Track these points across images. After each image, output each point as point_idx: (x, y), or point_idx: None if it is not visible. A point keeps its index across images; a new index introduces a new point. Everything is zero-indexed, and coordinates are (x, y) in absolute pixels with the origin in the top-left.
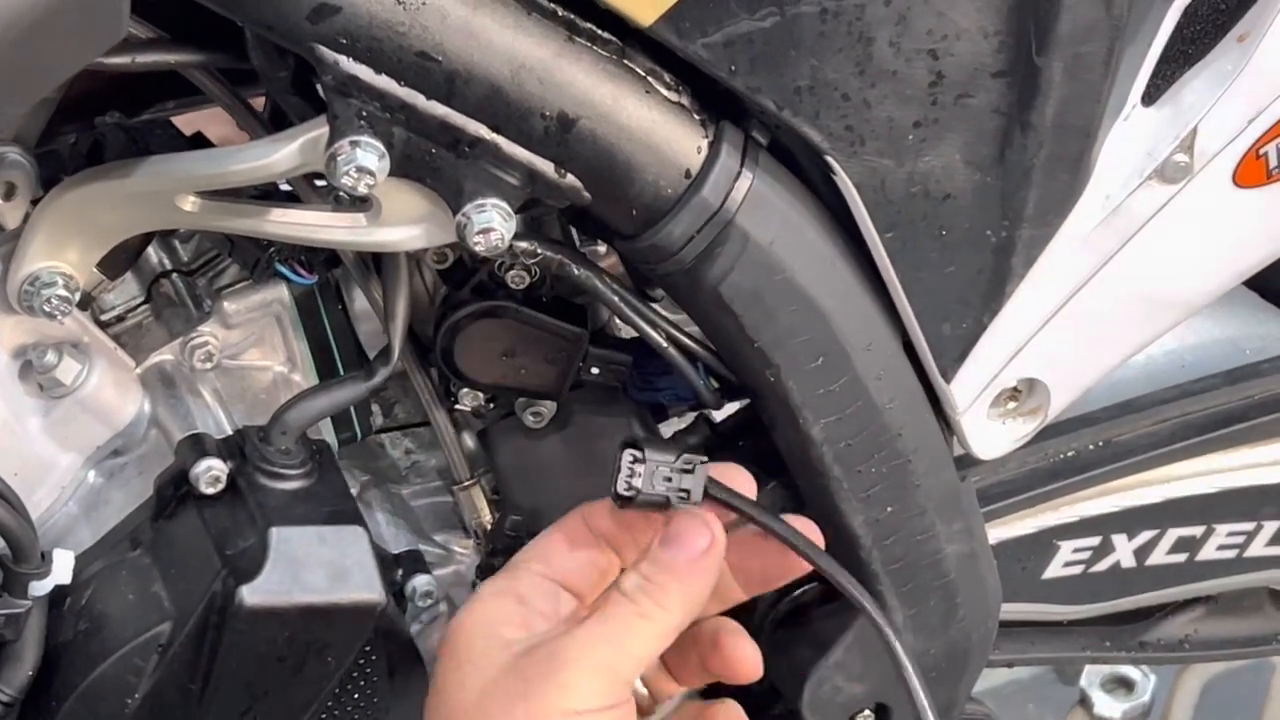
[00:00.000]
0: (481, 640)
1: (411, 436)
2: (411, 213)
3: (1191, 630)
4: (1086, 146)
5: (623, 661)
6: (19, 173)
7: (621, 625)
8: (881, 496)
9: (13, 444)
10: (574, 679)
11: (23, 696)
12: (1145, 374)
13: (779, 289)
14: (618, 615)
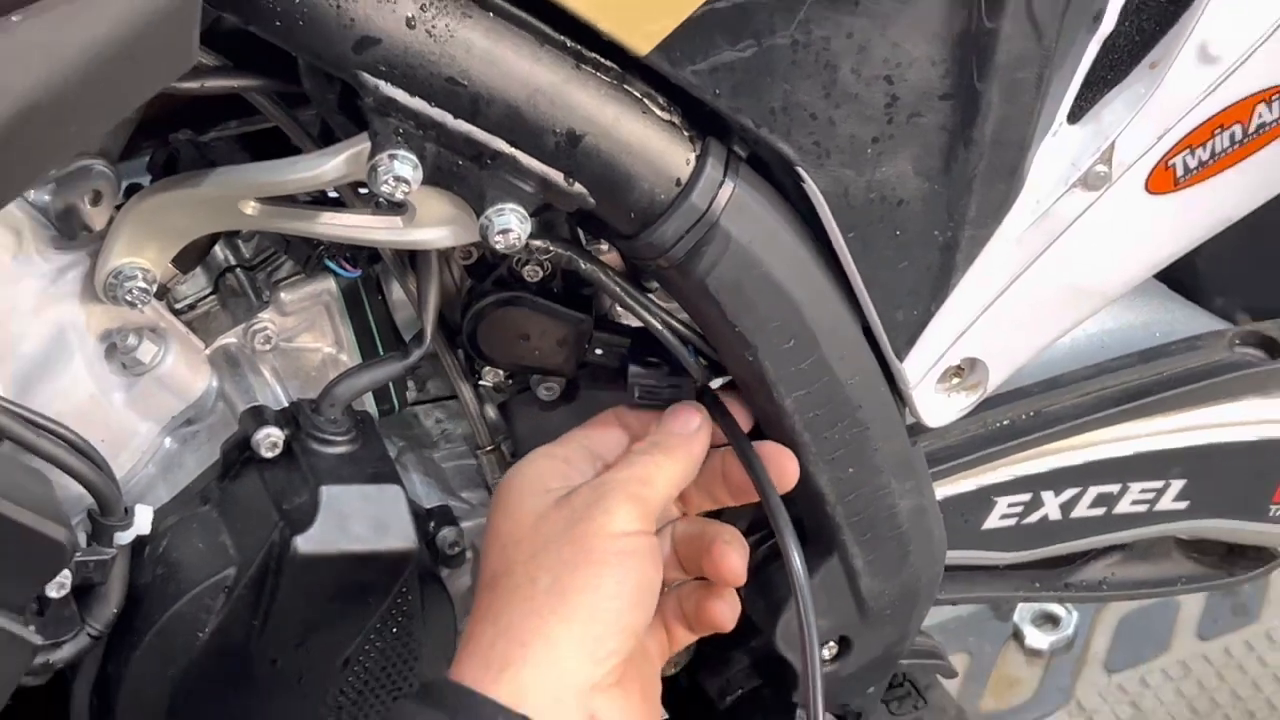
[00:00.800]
0: (531, 486)
1: (441, 408)
2: (441, 216)
3: (1109, 574)
4: (1020, 159)
5: (648, 495)
6: (104, 182)
7: (643, 469)
8: (844, 459)
9: (100, 415)
10: (615, 505)
11: (109, 631)
12: (1070, 353)
13: (757, 281)
14: (639, 462)
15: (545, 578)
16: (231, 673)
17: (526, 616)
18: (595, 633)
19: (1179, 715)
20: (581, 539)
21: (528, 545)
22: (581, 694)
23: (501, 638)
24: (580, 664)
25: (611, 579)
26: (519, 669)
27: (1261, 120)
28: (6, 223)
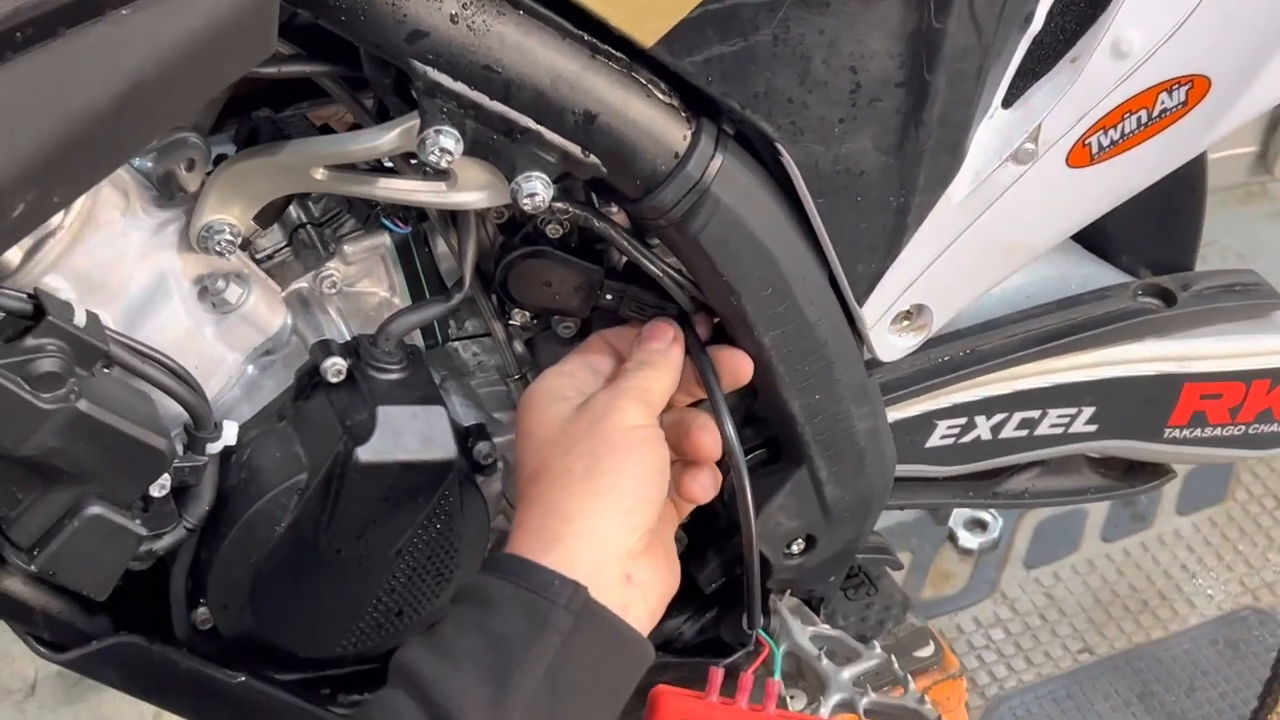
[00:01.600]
0: (551, 397)
1: (477, 343)
2: (478, 182)
3: (1030, 485)
4: (962, 137)
5: (650, 399)
6: (197, 152)
7: (639, 379)
8: (812, 387)
9: (194, 346)
10: (627, 405)
11: (201, 525)
12: (1000, 301)
13: (741, 239)
14: (637, 375)
15: (579, 466)
16: (303, 560)
17: (569, 499)
18: (625, 507)
19: (1085, 604)
20: (604, 434)
21: (560, 444)
22: (619, 559)
23: (550, 517)
24: (617, 534)
25: (634, 463)
26: (568, 542)
27: (1163, 106)
28: (116, 185)
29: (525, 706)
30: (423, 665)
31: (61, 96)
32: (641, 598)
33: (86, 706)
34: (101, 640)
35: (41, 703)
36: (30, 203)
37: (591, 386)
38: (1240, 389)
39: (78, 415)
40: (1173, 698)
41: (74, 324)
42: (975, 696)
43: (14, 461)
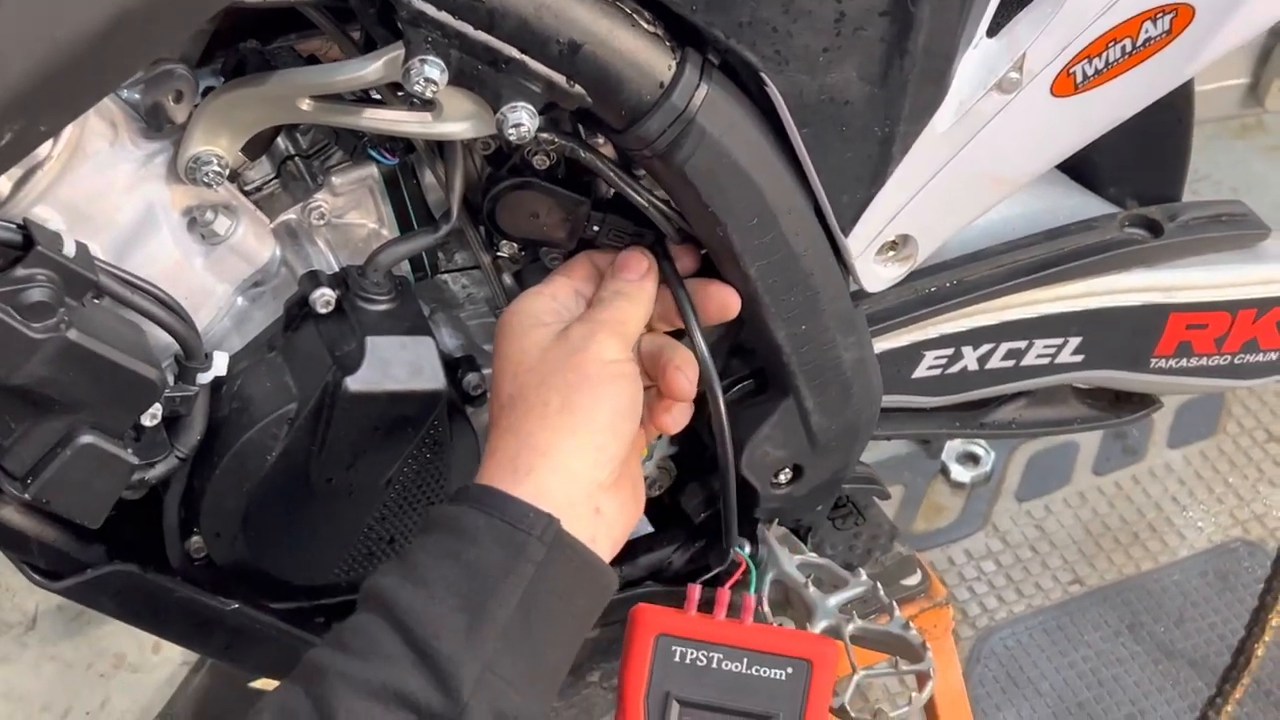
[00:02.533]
0: (530, 320)
1: (467, 275)
2: (464, 112)
3: (1017, 415)
4: (946, 67)
5: (626, 331)
6: (184, 83)
7: (615, 310)
8: (798, 318)
9: (183, 277)
10: (604, 339)
11: (193, 454)
12: (987, 232)
13: (727, 169)
14: (611, 304)
15: (555, 399)
16: (295, 489)
17: (543, 431)
18: (598, 442)
19: (1076, 536)
20: (580, 366)
21: (536, 373)
22: (589, 492)
23: (524, 449)
24: (588, 467)
25: (608, 399)
26: (540, 474)
27: (1147, 35)
28: (103, 116)
29: (500, 634)
30: (399, 594)
31: (47, 24)
32: (607, 529)
33: (86, 639)
34: (96, 569)
35: (43, 635)
36: (17, 132)
37: (573, 309)
38: (1226, 319)
39: (68, 344)
40: (1162, 628)
41: (63, 254)
42: (966, 627)
43: (6, 391)
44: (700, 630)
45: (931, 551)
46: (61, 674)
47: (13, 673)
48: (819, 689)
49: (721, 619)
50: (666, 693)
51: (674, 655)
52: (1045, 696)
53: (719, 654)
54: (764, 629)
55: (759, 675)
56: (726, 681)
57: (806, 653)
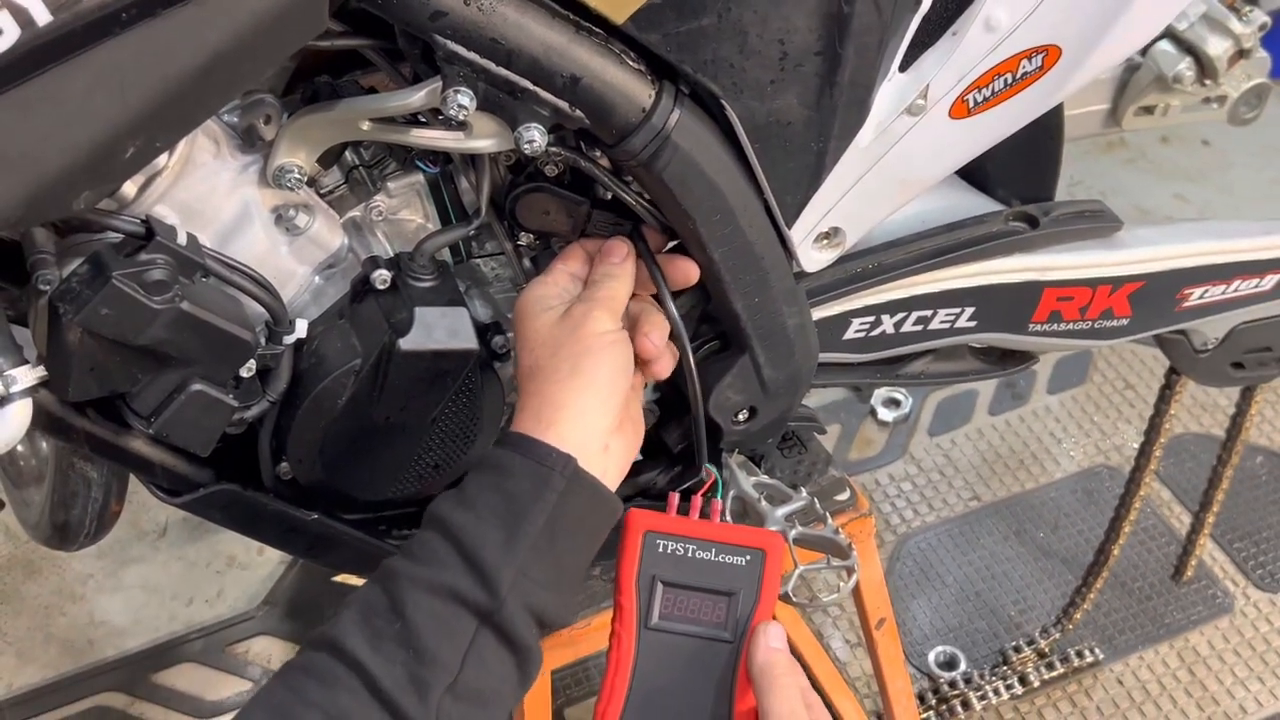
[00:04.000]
0: (539, 305)
1: (494, 260)
2: (489, 131)
3: (925, 368)
4: (867, 95)
5: (615, 306)
6: (272, 109)
7: (605, 289)
8: (752, 292)
9: (272, 261)
10: (598, 314)
11: (281, 399)
12: (902, 224)
13: (695, 176)
14: (602, 284)
15: (565, 366)
16: (359, 425)
17: (559, 392)
18: (602, 395)
19: (975, 463)
20: (582, 339)
21: (548, 346)
22: (599, 435)
23: (545, 405)
24: (596, 417)
25: (606, 362)
26: (560, 424)
27: (1025, 70)
28: (208, 134)
29: (530, 546)
30: (453, 515)
31: (160, 63)
32: (615, 463)
33: (205, 543)
34: (207, 488)
35: (171, 540)
36: (139, 147)
37: (571, 290)
38: (1088, 293)
39: (181, 314)
40: (1041, 534)
41: (177, 243)
42: (889, 534)
43: (134, 350)
44: (678, 527)
45: (862, 475)
46: (186, 571)
47: (149, 569)
48: (771, 572)
49: (695, 519)
50: (653, 576)
51: (658, 547)
52: (950, 588)
53: (693, 545)
54: (728, 526)
55: (724, 561)
56: (699, 566)
57: (761, 543)
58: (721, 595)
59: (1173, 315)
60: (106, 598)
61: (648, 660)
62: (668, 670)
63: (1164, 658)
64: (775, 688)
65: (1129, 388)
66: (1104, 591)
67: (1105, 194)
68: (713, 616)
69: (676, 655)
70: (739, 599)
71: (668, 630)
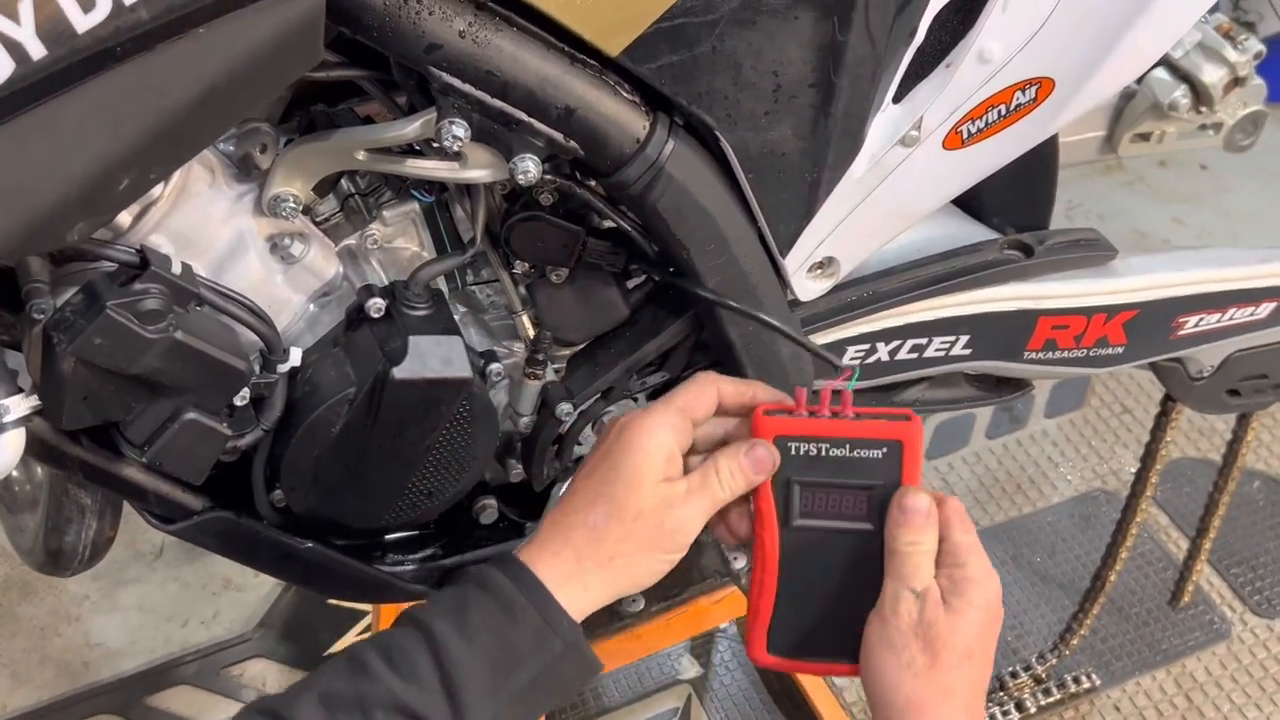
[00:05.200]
0: (652, 463)
1: (490, 287)
2: (484, 161)
3: (920, 395)
4: (861, 127)
5: (716, 506)
6: (268, 138)
7: (721, 489)
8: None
9: (266, 289)
10: (696, 515)
11: (275, 427)
12: (897, 253)
13: (689, 206)
14: (722, 478)
15: (626, 546)
16: (354, 453)
17: (600, 566)
18: (635, 582)
19: (972, 486)
20: (662, 543)
21: (631, 520)
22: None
23: (588, 559)
24: (617, 593)
25: (666, 565)
26: (581, 594)
27: (1019, 101)
28: (204, 164)
29: (510, 697)
30: (448, 640)
31: (155, 96)
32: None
33: (202, 565)
34: (200, 515)
35: (168, 561)
36: (133, 178)
37: (686, 443)
38: (1083, 321)
39: (175, 343)
40: (1038, 559)
41: (172, 272)
42: None
43: (127, 379)
44: (810, 429)
45: None
46: (182, 591)
47: (145, 590)
48: (910, 461)
49: (826, 417)
50: (788, 479)
51: (790, 450)
52: None
53: (827, 444)
54: (860, 423)
55: (861, 456)
56: (836, 464)
57: (896, 434)
58: (861, 489)
59: (1168, 343)
60: (102, 619)
61: (793, 554)
62: (815, 562)
63: (1161, 684)
64: (954, 520)
65: (1126, 412)
66: (1101, 617)
67: (1103, 217)
68: (855, 509)
69: (822, 547)
70: (879, 490)
71: (810, 527)
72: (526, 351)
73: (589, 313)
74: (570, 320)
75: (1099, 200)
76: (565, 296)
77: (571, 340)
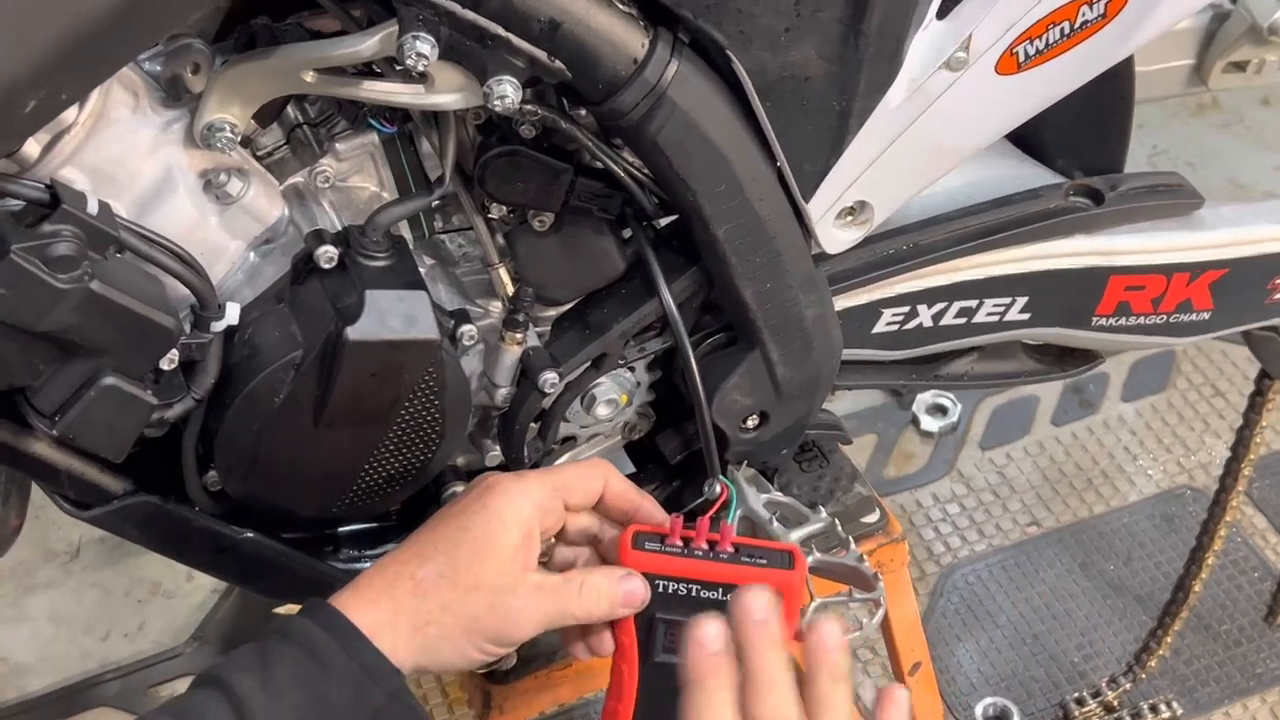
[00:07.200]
0: (511, 534)
1: (462, 236)
2: (454, 85)
3: (969, 369)
4: (899, 47)
5: (587, 616)
6: (201, 57)
7: (581, 604)
8: (763, 277)
9: (199, 234)
10: (546, 620)
11: (208, 397)
12: (942, 199)
13: (695, 140)
14: (579, 601)
15: (471, 611)
16: (300, 429)
17: (440, 620)
18: (476, 648)
19: (1034, 482)
20: (503, 620)
21: (475, 586)
22: None
23: (416, 613)
24: (452, 658)
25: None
26: (409, 639)
27: (1084, 18)
28: (126, 85)
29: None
30: (252, 698)
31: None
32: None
33: (125, 568)
34: (122, 500)
35: (85, 564)
36: (41, 100)
37: (551, 525)
38: (1162, 281)
39: (91, 295)
40: (1111, 567)
41: (87, 212)
42: (931, 564)
43: (35, 336)
44: (681, 569)
45: (901, 495)
46: (102, 599)
47: (58, 597)
48: (789, 613)
49: (700, 553)
50: (653, 615)
51: (659, 588)
52: (1003, 628)
53: (698, 586)
54: (734, 568)
55: None
56: (705, 606)
57: (777, 583)
58: None
59: (1263, 308)
60: (7, 630)
61: (651, 690)
62: (675, 697)
63: (1254, 713)
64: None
65: (1218, 395)
66: (1184, 635)
67: (1194, 165)
68: None
69: None
70: None
71: (673, 664)
72: (504, 311)
73: (578, 266)
74: (556, 275)
75: (1189, 145)
76: (550, 247)
77: (557, 298)
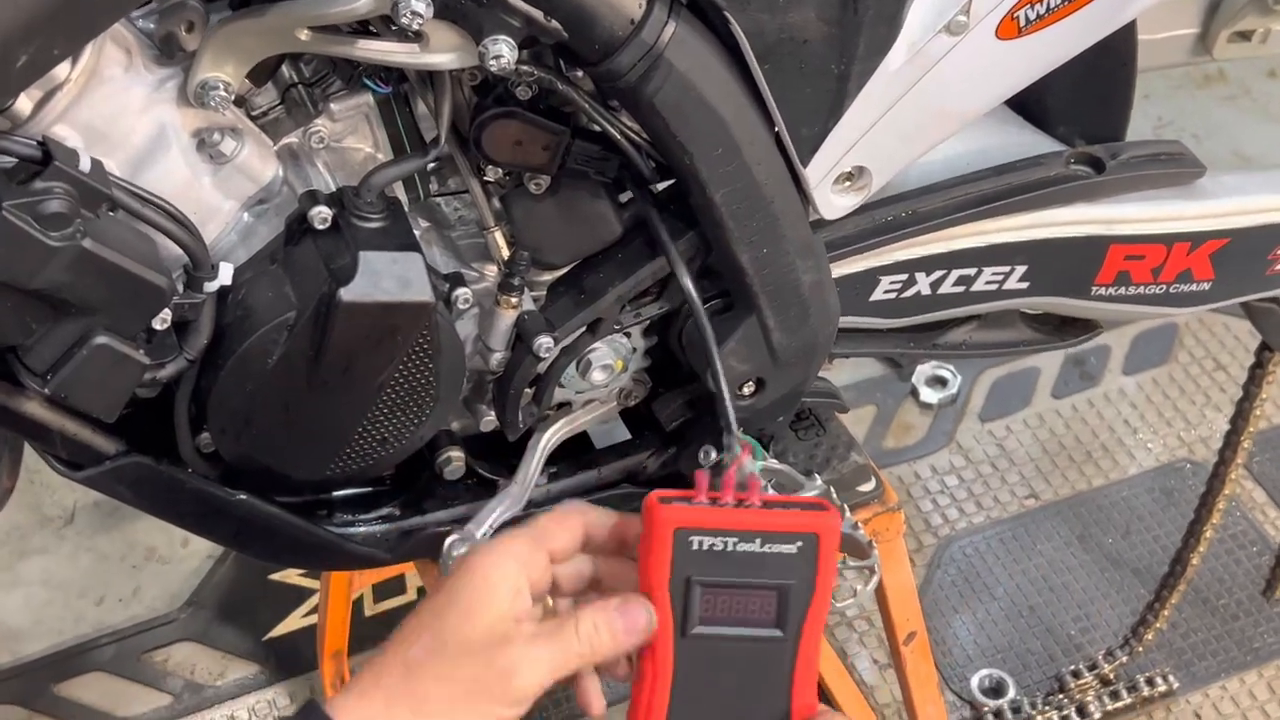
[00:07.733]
0: (500, 594)
1: (458, 199)
2: (449, 44)
3: (967, 337)
4: (898, 9)
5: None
6: (195, 14)
7: (582, 646)
8: (759, 241)
9: (192, 193)
10: (542, 676)
11: (201, 357)
12: (942, 166)
13: (693, 102)
14: (581, 638)
15: (462, 694)
16: (294, 390)
17: (439, 709)
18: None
19: (1033, 454)
20: (501, 690)
21: (465, 673)
22: None
23: (411, 700)
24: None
25: None
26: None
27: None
28: (119, 42)
29: None
30: None
31: None
32: None
33: (120, 533)
34: (114, 460)
35: (79, 529)
36: (32, 54)
37: (542, 585)
38: (1162, 251)
39: (83, 252)
40: (1110, 540)
41: (79, 169)
42: (929, 535)
43: (27, 294)
44: (713, 520)
45: (899, 466)
46: (97, 564)
47: (52, 562)
48: (826, 557)
49: (731, 505)
50: (688, 578)
51: (691, 545)
52: (1000, 601)
53: (733, 538)
54: (770, 512)
55: (771, 551)
56: (742, 560)
57: (812, 527)
58: (770, 589)
59: (1264, 279)
60: (1, 595)
61: (689, 668)
62: (713, 676)
63: (1251, 688)
64: None
65: (1220, 369)
66: (1181, 608)
67: (1199, 137)
68: (761, 613)
69: (722, 660)
70: (791, 591)
71: (710, 635)
72: (500, 275)
73: (574, 230)
74: (552, 238)
75: (1194, 117)
76: (546, 210)
77: (553, 262)
